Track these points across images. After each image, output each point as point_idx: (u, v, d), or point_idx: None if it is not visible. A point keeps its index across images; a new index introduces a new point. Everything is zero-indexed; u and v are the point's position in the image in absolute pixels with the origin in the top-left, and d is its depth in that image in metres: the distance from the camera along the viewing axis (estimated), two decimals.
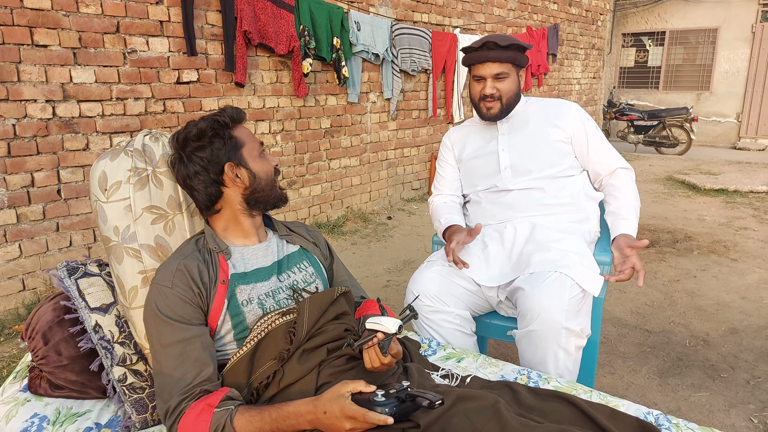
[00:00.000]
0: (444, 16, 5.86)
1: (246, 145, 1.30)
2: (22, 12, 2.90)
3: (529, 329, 1.60)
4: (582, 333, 1.60)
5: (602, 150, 1.95)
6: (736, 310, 3.05)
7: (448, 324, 1.77)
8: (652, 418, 1.25)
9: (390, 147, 5.57)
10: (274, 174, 1.35)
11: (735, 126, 10.33)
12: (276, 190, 1.34)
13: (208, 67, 3.81)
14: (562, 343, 1.56)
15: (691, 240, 4.35)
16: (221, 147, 1.26)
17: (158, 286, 1.19)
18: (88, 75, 3.20)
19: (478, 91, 1.92)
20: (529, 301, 1.61)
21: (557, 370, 1.58)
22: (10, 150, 2.95)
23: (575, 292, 1.60)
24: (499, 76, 1.86)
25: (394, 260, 4.04)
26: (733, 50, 10.11)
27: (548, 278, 1.61)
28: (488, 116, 1.93)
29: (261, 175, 1.30)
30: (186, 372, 1.12)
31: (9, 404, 1.34)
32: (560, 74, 8.20)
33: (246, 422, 1.06)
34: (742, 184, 6.26)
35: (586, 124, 1.95)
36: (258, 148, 1.32)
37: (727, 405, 2.18)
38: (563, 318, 1.55)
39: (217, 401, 1.09)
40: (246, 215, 1.32)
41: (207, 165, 1.25)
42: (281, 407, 1.08)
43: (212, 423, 1.06)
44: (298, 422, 1.06)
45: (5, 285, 3.01)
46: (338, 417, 1.01)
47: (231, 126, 1.29)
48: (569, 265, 1.64)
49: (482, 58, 1.85)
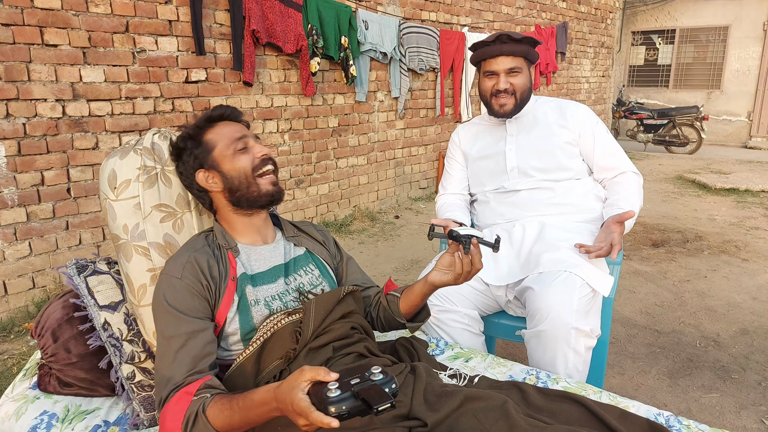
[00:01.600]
0: (452, 15, 5.84)
1: (217, 146, 1.28)
2: (32, 12, 2.92)
3: (538, 329, 1.59)
4: (592, 333, 1.58)
5: (609, 155, 1.92)
6: (747, 310, 3.02)
7: (456, 323, 1.76)
8: (663, 420, 1.24)
9: (398, 146, 5.56)
10: (256, 169, 1.28)
11: (746, 125, 10.23)
12: (255, 186, 1.27)
13: (217, 66, 3.82)
14: (572, 343, 1.55)
15: (701, 240, 4.31)
16: (189, 157, 1.29)
17: (168, 276, 1.19)
18: (97, 74, 3.22)
19: (489, 87, 1.89)
20: (538, 300, 1.60)
21: (567, 370, 1.57)
22: (20, 149, 2.97)
23: (585, 292, 1.59)
24: (513, 70, 1.84)
25: (401, 259, 4.03)
26: (744, 48, 10.01)
27: (558, 278, 1.60)
28: (501, 113, 1.90)
29: (232, 173, 1.26)
30: (184, 365, 1.11)
31: (19, 401, 1.34)
32: (569, 73, 8.15)
33: (218, 411, 1.02)
34: (753, 183, 6.20)
35: (595, 127, 1.92)
36: (233, 146, 1.27)
37: (738, 406, 2.16)
38: (573, 318, 1.54)
39: (195, 389, 1.07)
40: (239, 215, 1.31)
41: (183, 178, 1.32)
42: (247, 395, 1.00)
43: (187, 411, 1.04)
44: (264, 411, 0.98)
45: (15, 283, 3.03)
46: (290, 411, 0.89)
47: (202, 130, 1.30)
48: (579, 265, 1.63)
49: (496, 52, 1.83)
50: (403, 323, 1.42)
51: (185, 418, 1.04)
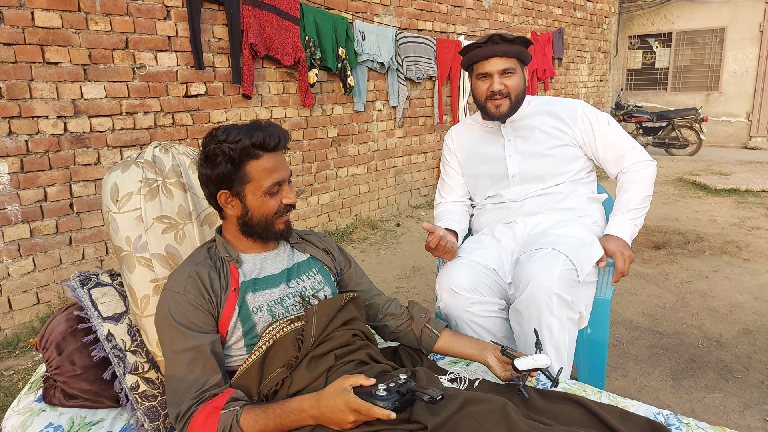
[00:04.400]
0: (448, 24, 5.89)
1: (253, 182, 1.23)
2: (33, 30, 2.96)
3: (520, 298, 1.61)
4: (574, 306, 1.60)
5: (613, 150, 1.89)
6: (750, 310, 3.02)
7: (488, 313, 1.72)
8: (662, 419, 1.25)
9: (397, 154, 5.59)
10: (277, 213, 1.28)
11: (746, 125, 10.24)
12: (272, 228, 1.28)
13: (216, 79, 3.86)
14: (555, 311, 1.56)
15: (702, 241, 4.32)
16: (221, 175, 1.22)
17: (171, 292, 1.21)
18: (98, 90, 3.26)
19: (484, 90, 1.86)
20: (521, 271, 1.64)
21: (552, 341, 1.57)
22: (23, 166, 3.00)
23: (568, 266, 1.61)
24: (506, 71, 1.82)
25: (403, 267, 4.04)
26: (741, 50, 10.04)
27: (542, 252, 1.64)
28: (497, 115, 1.87)
29: (254, 211, 1.26)
30: (197, 378, 1.14)
31: (24, 414, 1.36)
32: (567, 78, 8.19)
33: (252, 421, 1.08)
34: (753, 183, 6.21)
35: (594, 123, 1.88)
36: (267, 188, 1.24)
37: (741, 406, 2.16)
38: (554, 285, 1.56)
39: (223, 403, 1.11)
40: (245, 236, 1.31)
41: (207, 181, 1.26)
42: (285, 403, 1.10)
43: (219, 424, 1.08)
44: (301, 417, 1.08)
45: (20, 299, 3.06)
46: (342, 410, 1.04)
47: (250, 157, 1.21)
48: (564, 244, 1.66)
49: (488, 53, 1.80)
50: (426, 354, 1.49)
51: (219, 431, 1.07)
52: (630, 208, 1.84)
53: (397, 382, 1.08)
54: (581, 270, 1.63)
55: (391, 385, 1.07)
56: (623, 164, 1.90)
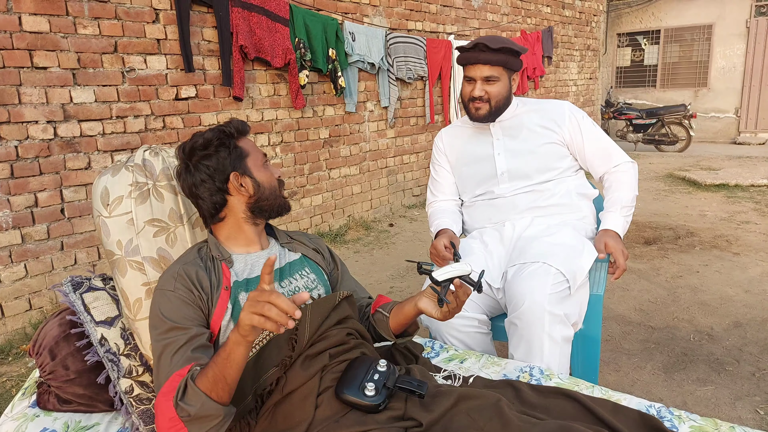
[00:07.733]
0: (438, 24, 5.91)
1: (251, 155, 1.33)
2: (21, 35, 2.95)
3: (515, 314, 1.62)
4: (567, 320, 1.61)
5: (599, 148, 1.94)
6: (740, 303, 3.06)
7: (468, 328, 1.78)
8: (654, 411, 1.26)
9: (389, 155, 5.60)
10: (278, 184, 1.38)
11: (734, 121, 10.34)
12: (279, 199, 1.37)
13: (206, 82, 3.85)
14: (546, 328, 1.57)
15: (693, 236, 4.36)
16: (227, 156, 1.30)
17: (161, 291, 1.21)
18: (87, 95, 3.25)
19: (468, 92, 1.92)
20: (514, 287, 1.65)
21: (543, 358, 1.58)
22: (13, 171, 2.99)
23: (559, 280, 1.62)
24: (489, 79, 1.85)
25: (396, 267, 4.05)
26: (728, 46, 10.14)
27: (532, 267, 1.65)
28: (476, 117, 1.93)
29: (265, 184, 1.33)
30: (179, 366, 1.13)
31: (18, 420, 1.36)
32: (556, 76, 8.23)
33: (202, 374, 1.08)
34: (742, 178, 6.26)
35: (581, 122, 1.94)
36: (262, 159, 1.36)
37: (733, 398, 2.18)
38: (546, 302, 1.57)
39: (186, 371, 1.11)
40: (249, 223, 1.35)
41: (213, 173, 1.28)
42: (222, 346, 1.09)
43: (179, 385, 1.08)
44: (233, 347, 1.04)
45: (12, 305, 3.04)
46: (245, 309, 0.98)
47: (236, 137, 1.33)
48: (554, 255, 1.67)
49: (473, 59, 1.85)
50: (393, 341, 1.45)
51: (176, 391, 1.07)
52: (623, 205, 1.87)
53: (382, 376, 1.15)
54: (573, 282, 1.64)
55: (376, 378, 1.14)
56: (609, 164, 1.95)
